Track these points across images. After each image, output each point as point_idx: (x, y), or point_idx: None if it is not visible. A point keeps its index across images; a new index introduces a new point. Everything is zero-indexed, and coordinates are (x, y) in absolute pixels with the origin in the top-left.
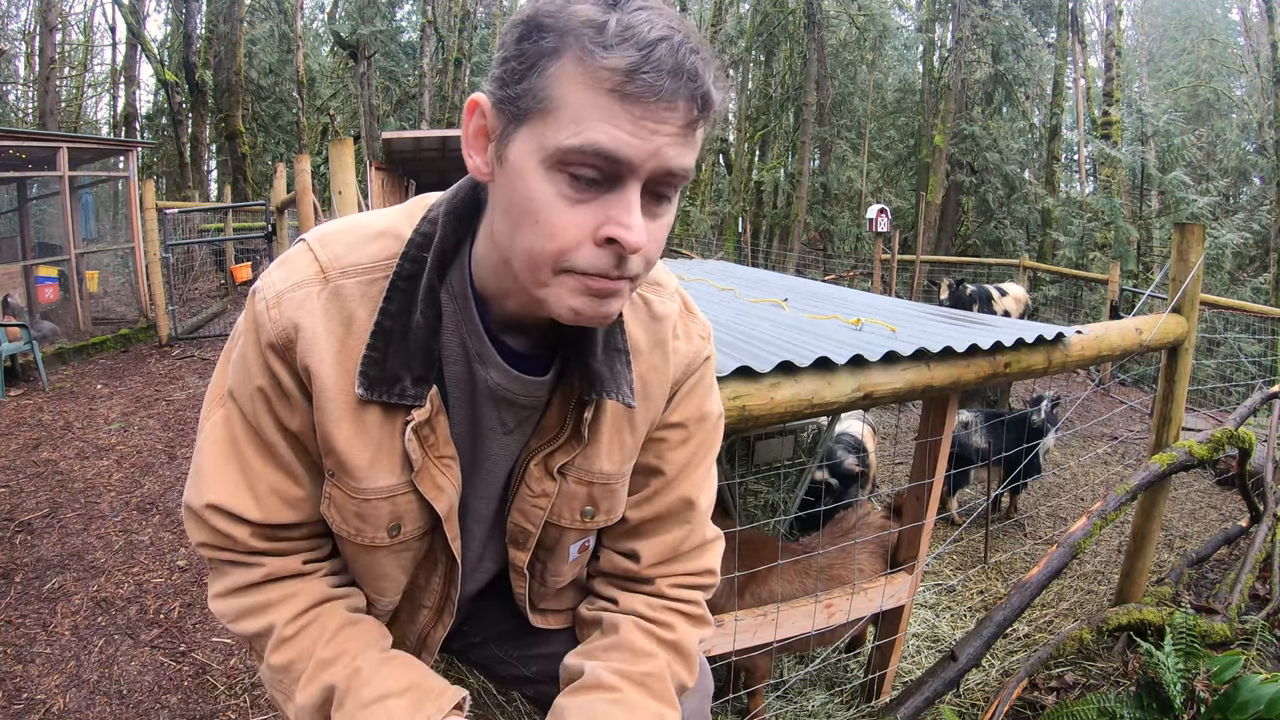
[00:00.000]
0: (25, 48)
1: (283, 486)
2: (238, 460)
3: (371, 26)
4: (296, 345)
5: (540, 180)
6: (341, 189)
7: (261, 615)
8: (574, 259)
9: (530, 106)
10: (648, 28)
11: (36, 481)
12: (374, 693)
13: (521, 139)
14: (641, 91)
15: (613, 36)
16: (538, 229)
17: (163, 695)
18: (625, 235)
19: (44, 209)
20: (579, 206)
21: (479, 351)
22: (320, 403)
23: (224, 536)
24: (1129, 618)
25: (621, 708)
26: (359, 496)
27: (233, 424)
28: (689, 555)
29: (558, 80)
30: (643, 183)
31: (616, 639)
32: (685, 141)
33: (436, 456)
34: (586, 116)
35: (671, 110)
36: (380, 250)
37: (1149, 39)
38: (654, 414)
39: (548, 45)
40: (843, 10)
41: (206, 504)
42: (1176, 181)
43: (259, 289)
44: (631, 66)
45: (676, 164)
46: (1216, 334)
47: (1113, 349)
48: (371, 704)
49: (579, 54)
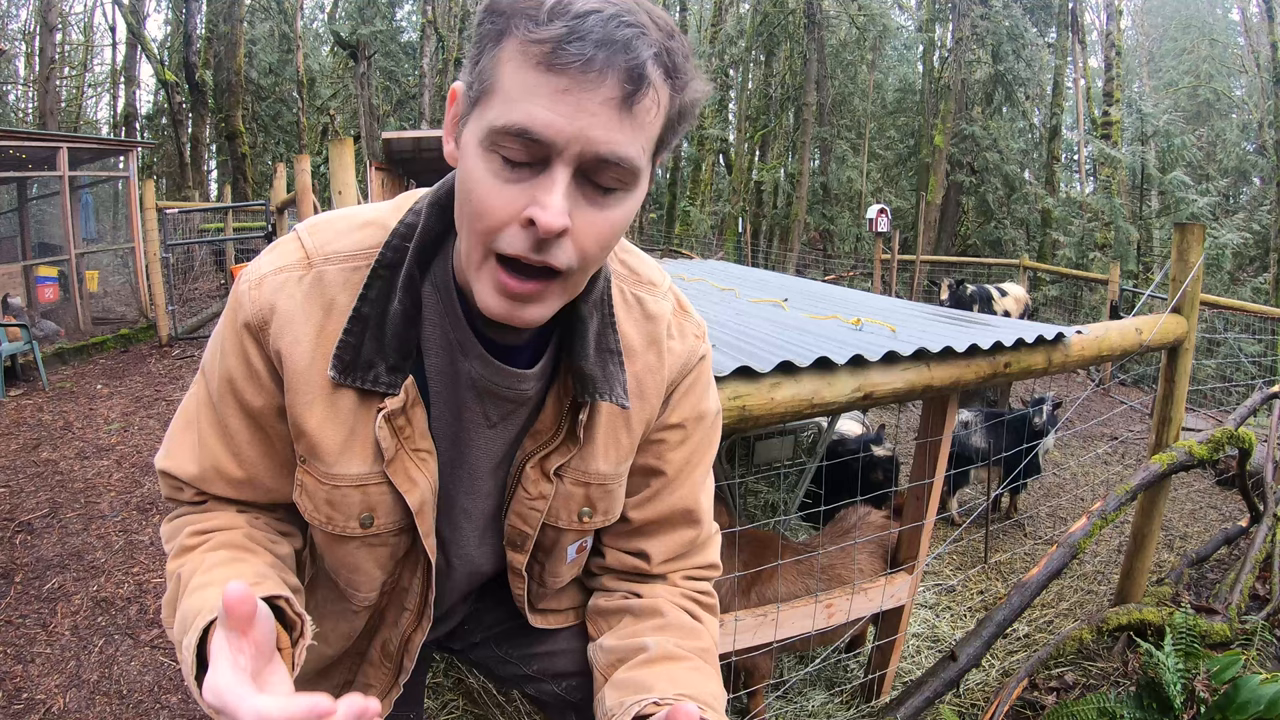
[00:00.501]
0: (25, 48)
1: (224, 464)
2: (195, 432)
3: (371, 26)
4: (270, 326)
5: (478, 160)
6: (341, 189)
7: (179, 533)
8: (499, 239)
9: (480, 90)
10: (582, 4)
11: (36, 481)
12: (205, 578)
13: (471, 122)
14: (566, 62)
15: (547, 12)
16: (471, 207)
17: (163, 695)
18: (540, 214)
19: (44, 209)
20: (509, 186)
21: (460, 341)
22: (293, 385)
23: (176, 489)
24: (1129, 618)
25: (700, 675)
26: (329, 483)
27: (198, 398)
28: (695, 551)
29: (499, 62)
30: (574, 167)
31: (664, 620)
32: (619, 124)
33: (412, 449)
34: (515, 95)
35: (599, 83)
36: (365, 239)
37: (1149, 39)
38: (650, 414)
39: (495, 28)
40: (843, 10)
41: (161, 469)
42: (1176, 181)
43: (245, 271)
44: (558, 37)
45: (607, 149)
46: (1216, 334)
47: (1113, 349)
48: (196, 589)
49: (518, 34)
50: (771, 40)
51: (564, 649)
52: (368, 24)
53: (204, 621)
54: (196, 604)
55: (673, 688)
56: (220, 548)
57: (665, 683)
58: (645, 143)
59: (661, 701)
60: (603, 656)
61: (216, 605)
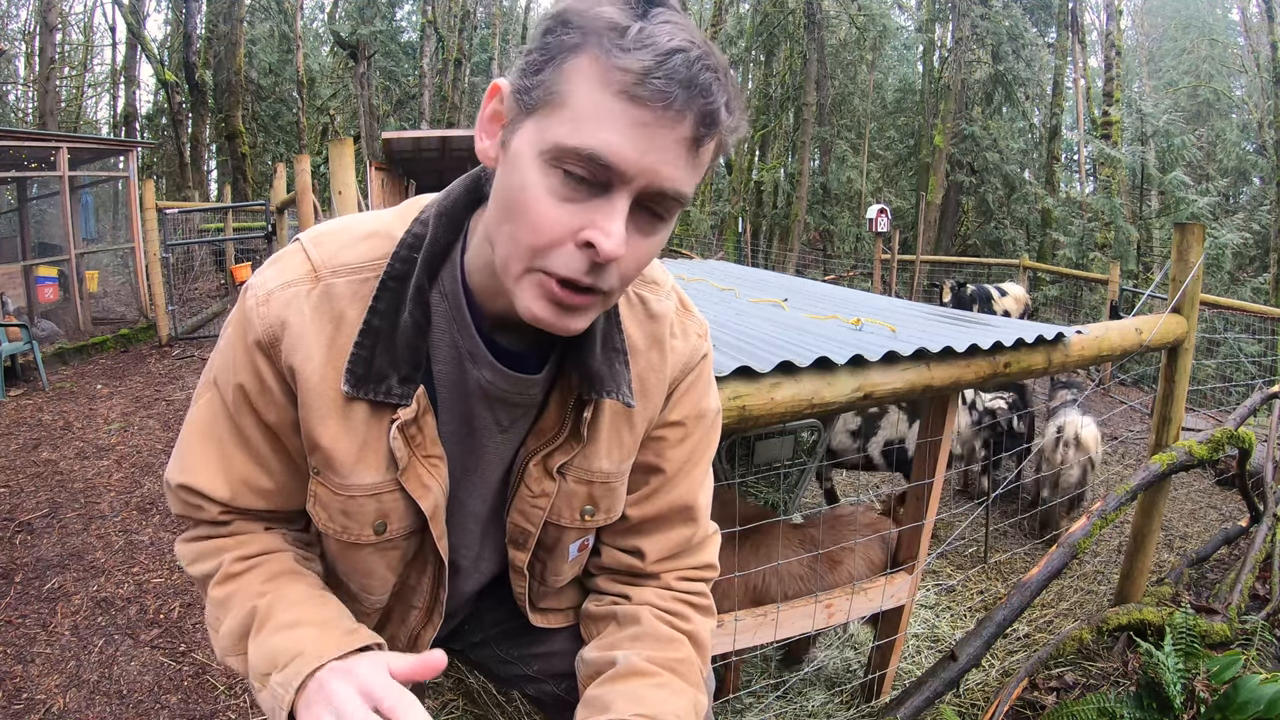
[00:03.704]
0: (25, 48)
1: (254, 477)
2: (216, 445)
3: (371, 26)
4: (282, 343)
5: (535, 172)
6: (341, 189)
7: (215, 556)
8: (550, 257)
9: (541, 99)
10: (668, 37)
11: (36, 481)
12: (290, 617)
13: (527, 129)
14: (650, 96)
15: (632, 40)
16: (523, 220)
17: (163, 695)
18: (603, 241)
19: (44, 209)
20: (566, 205)
21: (470, 350)
22: (306, 400)
23: (195, 509)
24: (1129, 618)
25: (666, 691)
26: (344, 493)
27: (214, 409)
28: (692, 550)
29: (571, 76)
30: (634, 196)
31: (640, 629)
32: (686, 163)
33: (424, 456)
34: (590, 117)
35: (677, 122)
36: (371, 250)
37: (1149, 39)
38: (652, 412)
39: (569, 41)
40: (843, 10)
41: (180, 484)
42: (1176, 181)
43: (251, 285)
44: (644, 70)
45: (670, 185)
46: (1216, 334)
47: (1113, 349)
48: (283, 628)
49: (597, 53)
50: (771, 40)
51: (563, 649)
52: (368, 24)
53: (308, 668)
54: (290, 645)
55: (632, 707)
56: (283, 576)
57: (625, 701)
58: (699, 178)
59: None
60: (583, 669)
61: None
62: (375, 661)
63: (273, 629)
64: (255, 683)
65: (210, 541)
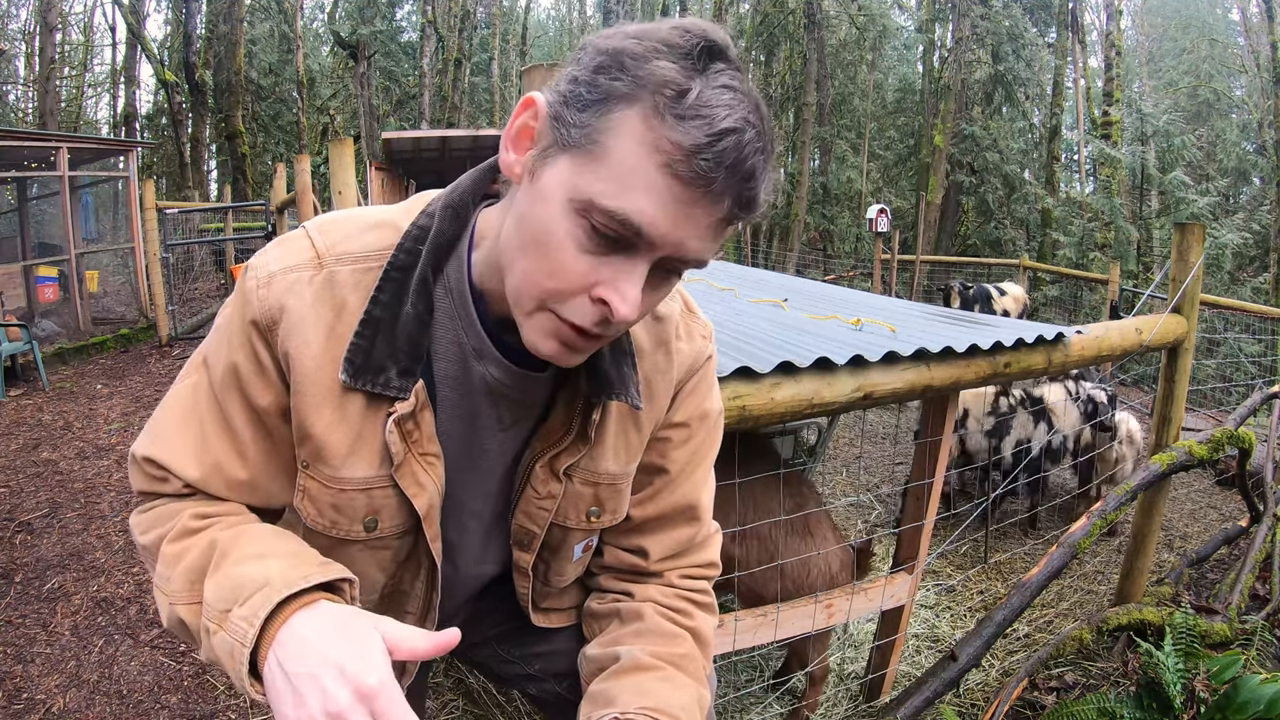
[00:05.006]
0: (25, 48)
1: (229, 464)
2: (196, 425)
3: (371, 26)
4: (280, 327)
5: (561, 217)
6: (341, 189)
7: (171, 518)
8: (562, 304)
9: (581, 141)
10: (725, 111)
11: (36, 481)
12: (257, 549)
13: (560, 167)
14: (694, 176)
15: (689, 108)
16: (541, 261)
17: (163, 695)
18: (619, 305)
19: (44, 209)
20: (587, 257)
21: (476, 347)
22: (300, 387)
23: (159, 482)
24: (1129, 618)
25: (670, 684)
26: (334, 486)
27: (200, 390)
28: (695, 549)
29: (618, 130)
30: (655, 261)
31: (642, 625)
32: (714, 236)
33: (420, 453)
34: (630, 181)
35: (715, 203)
36: (376, 240)
37: (1149, 39)
38: (658, 414)
39: (621, 89)
40: (843, 10)
41: (148, 456)
42: (1176, 181)
43: (252, 266)
44: (695, 147)
45: (694, 255)
46: (1216, 334)
47: (1113, 349)
48: (248, 559)
49: (649, 112)
50: (771, 40)
51: (565, 648)
52: (368, 24)
53: (277, 596)
54: (257, 575)
55: (637, 700)
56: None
57: (630, 695)
58: (719, 245)
59: (623, 716)
60: (586, 666)
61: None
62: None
63: (235, 560)
64: (210, 624)
65: (168, 506)
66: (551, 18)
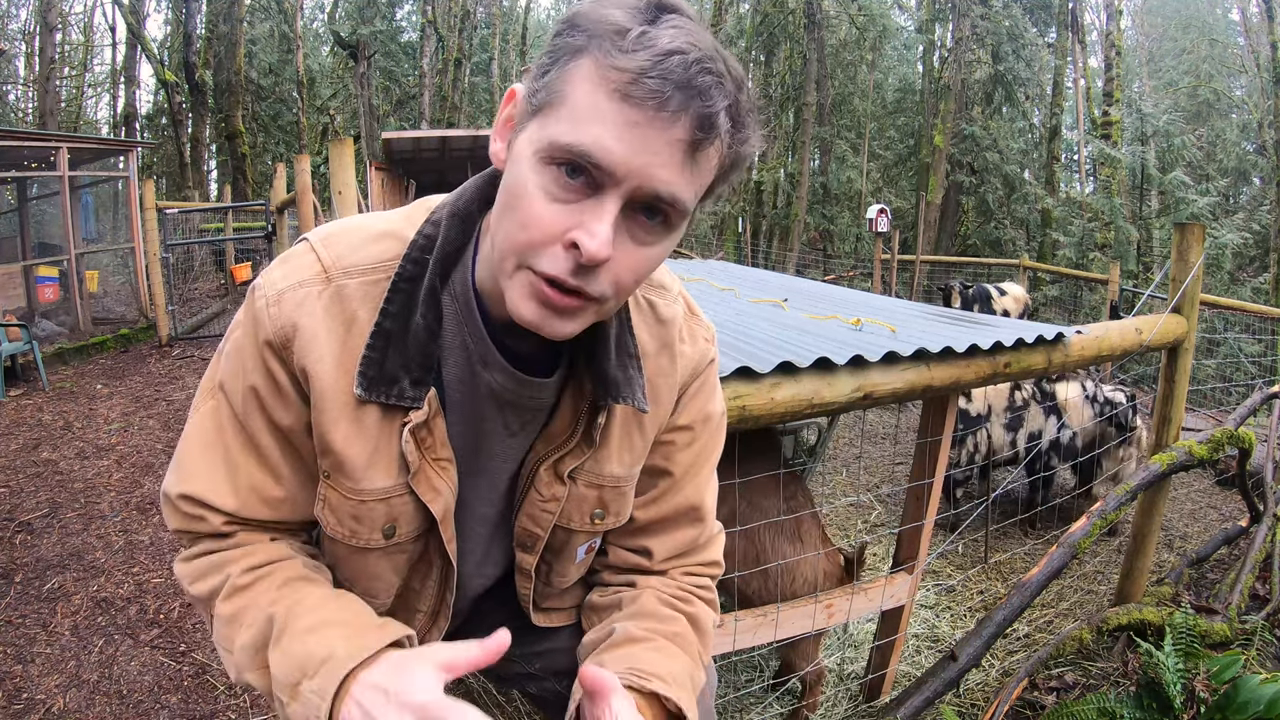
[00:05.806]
0: (25, 48)
1: (263, 485)
2: (222, 452)
3: (371, 26)
4: (294, 345)
5: (531, 170)
6: (341, 189)
7: (219, 571)
8: (538, 256)
9: (544, 100)
10: (668, 39)
11: (36, 481)
12: (313, 620)
13: (530, 129)
14: (643, 96)
15: (632, 42)
16: (515, 216)
17: (163, 695)
18: (587, 242)
19: (44, 209)
20: (557, 204)
21: (481, 354)
22: (319, 403)
23: (197, 521)
24: (1129, 618)
25: (660, 654)
26: (355, 498)
27: (220, 416)
28: (698, 549)
29: (571, 77)
30: (626, 198)
31: (639, 607)
32: (681, 167)
33: (433, 459)
34: (584, 116)
35: (671, 124)
36: (383, 251)
37: (1149, 39)
38: (662, 417)
39: (575, 43)
40: (843, 10)
41: (182, 494)
42: (1176, 181)
43: (259, 286)
44: (639, 70)
45: (665, 189)
46: (1216, 334)
47: (1113, 349)
48: (307, 632)
49: (598, 55)
50: (771, 40)
51: (566, 647)
52: (368, 24)
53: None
54: (320, 649)
55: (624, 664)
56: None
57: (618, 663)
58: (699, 187)
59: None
60: (583, 651)
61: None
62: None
63: (296, 634)
64: (282, 695)
65: (213, 556)
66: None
